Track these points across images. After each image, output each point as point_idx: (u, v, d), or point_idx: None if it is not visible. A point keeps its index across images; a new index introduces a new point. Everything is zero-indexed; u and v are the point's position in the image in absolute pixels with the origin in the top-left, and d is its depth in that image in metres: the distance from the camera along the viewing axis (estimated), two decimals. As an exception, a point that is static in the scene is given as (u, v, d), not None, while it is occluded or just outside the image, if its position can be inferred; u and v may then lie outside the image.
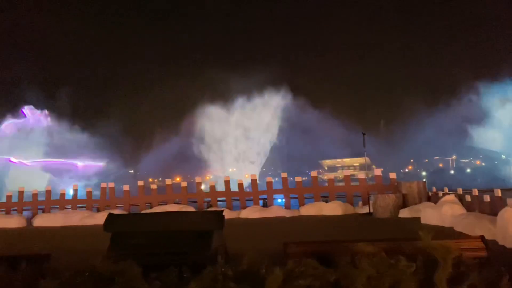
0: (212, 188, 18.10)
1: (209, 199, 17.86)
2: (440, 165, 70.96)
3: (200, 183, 18.65)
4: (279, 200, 18.33)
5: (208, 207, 17.33)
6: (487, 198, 10.20)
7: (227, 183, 17.95)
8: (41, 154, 50.84)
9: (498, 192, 9.76)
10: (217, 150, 56.57)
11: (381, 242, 5.97)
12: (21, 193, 19.83)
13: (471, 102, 53.44)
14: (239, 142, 56.79)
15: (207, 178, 51.18)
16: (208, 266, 4.91)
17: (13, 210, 19.25)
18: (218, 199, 17.78)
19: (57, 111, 52.57)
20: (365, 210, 15.34)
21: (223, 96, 57.27)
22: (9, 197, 19.73)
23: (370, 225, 12.38)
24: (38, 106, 52.90)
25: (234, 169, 56.17)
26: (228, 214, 15.04)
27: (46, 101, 52.64)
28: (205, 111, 56.06)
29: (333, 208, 15.50)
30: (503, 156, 55.61)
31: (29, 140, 50.62)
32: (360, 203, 16.57)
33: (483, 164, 61.62)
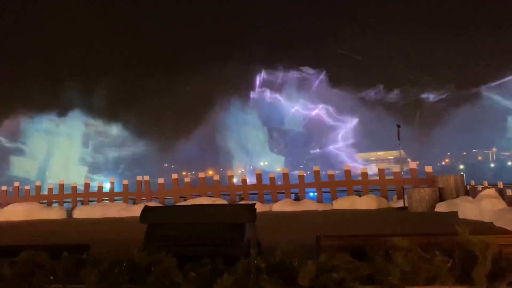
0: (244, 181, 18.22)
1: (241, 192, 17.99)
2: (479, 158, 68.44)
3: (232, 177, 18.81)
4: (311, 194, 18.24)
5: (240, 200, 17.46)
6: (529, 192, 9.79)
7: (258, 176, 18.02)
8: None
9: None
10: (249, 143, 56.80)
11: (417, 236, 5.85)
12: (61, 186, 20.63)
13: None
14: (271, 135, 56.80)
15: (239, 171, 51.54)
16: (241, 258, 4.96)
17: (54, 202, 20.09)
18: (250, 192, 17.88)
19: (93, 107, 54.04)
20: (399, 204, 15.03)
21: (253, 88, 57.39)
22: (50, 190, 20.58)
23: (405, 219, 12.12)
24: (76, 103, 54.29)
25: (266, 163, 56.26)
26: (260, 208, 15.11)
27: (82, 97, 54.14)
28: (237, 104, 56.34)
29: (367, 202, 15.27)
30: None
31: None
32: (395, 197, 16.25)
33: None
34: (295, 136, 58.07)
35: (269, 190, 17.67)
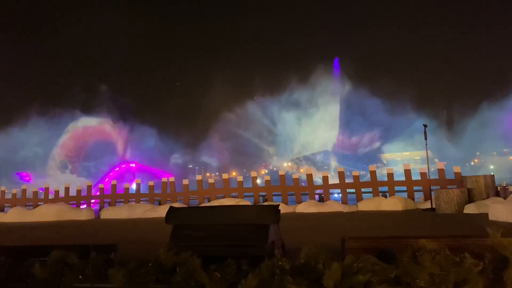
0: (268, 182, 18.21)
1: (265, 193, 17.99)
2: (511, 158, 66.29)
3: (255, 178, 18.81)
4: (336, 195, 18.07)
5: (263, 201, 17.47)
6: None
7: (282, 177, 17.99)
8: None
9: None
10: (273, 145, 56.75)
11: (445, 238, 5.71)
12: (89, 187, 21.14)
13: None
14: (296, 136, 56.60)
15: (262, 172, 51.58)
16: (266, 259, 4.95)
17: (83, 203, 20.59)
18: (274, 193, 17.85)
19: (117, 110, 55.07)
20: (427, 205, 14.72)
21: (277, 90, 57.34)
22: (78, 191, 21.10)
23: (433, 221, 11.85)
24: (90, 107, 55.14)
25: (289, 164, 56.10)
26: (284, 209, 15.09)
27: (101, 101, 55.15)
28: (260, 105, 56.40)
29: (393, 203, 15.01)
30: None
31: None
32: (422, 198, 15.92)
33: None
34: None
35: (293, 191, 17.61)
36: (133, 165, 50.55)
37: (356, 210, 15.38)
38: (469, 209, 12.89)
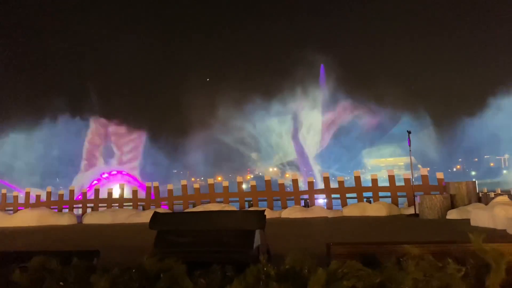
0: (253, 187, 18.19)
1: (250, 198, 17.96)
2: (491, 164, 67.63)
3: (241, 183, 18.77)
4: (320, 201, 18.15)
5: (249, 207, 17.44)
6: (544, 199, 9.62)
7: (268, 183, 17.99)
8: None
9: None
10: (258, 150, 56.84)
11: (429, 244, 5.77)
12: (71, 191, 20.79)
13: None
14: (280, 142, 56.77)
15: (248, 178, 51.56)
16: (251, 265, 4.93)
17: (65, 207, 20.23)
18: (259, 198, 17.84)
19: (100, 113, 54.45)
20: (410, 211, 14.89)
21: (263, 94, 57.52)
22: (60, 196, 20.74)
23: (416, 226, 11.98)
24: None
25: (275, 169, 56.23)
26: (269, 214, 15.07)
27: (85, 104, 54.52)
28: (245, 110, 56.47)
29: (377, 209, 15.14)
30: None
31: None
32: (406, 203, 16.10)
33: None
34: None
35: (278, 196, 17.62)
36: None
37: (341, 216, 15.46)
38: (452, 215, 13.08)
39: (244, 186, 19.85)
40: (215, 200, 18.14)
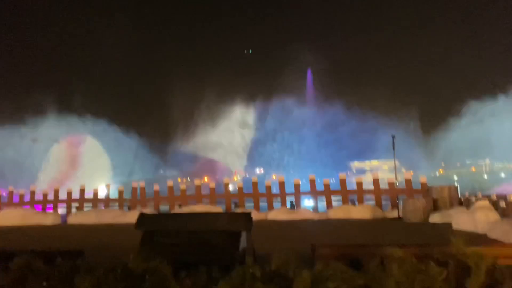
0: (240, 189, 18.21)
1: (237, 200, 17.98)
2: (473, 169, 68.73)
3: (227, 184, 18.76)
4: (306, 202, 18.26)
5: (235, 208, 17.45)
6: (523, 204, 9.86)
7: (255, 184, 18.03)
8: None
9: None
10: (245, 152, 56.84)
11: (411, 246, 5.88)
12: (56, 191, 20.53)
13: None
14: (267, 143, 56.88)
15: (235, 179, 51.52)
16: (237, 266, 4.95)
17: (49, 207, 19.97)
18: (246, 200, 17.87)
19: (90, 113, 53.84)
20: (394, 214, 15.09)
21: (251, 95, 57.62)
22: (45, 195, 20.47)
23: (400, 229, 12.16)
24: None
25: (262, 170, 56.30)
26: (255, 216, 15.08)
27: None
28: (233, 111, 56.49)
29: (362, 212, 15.31)
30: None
31: None
32: (389, 207, 16.30)
33: (520, 168, 59.28)
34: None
35: (265, 197, 17.67)
36: None
37: (326, 218, 15.58)
38: (434, 218, 13.29)
39: (231, 187, 19.84)
40: (201, 201, 18.11)
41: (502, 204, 10.99)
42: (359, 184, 17.18)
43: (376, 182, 16.97)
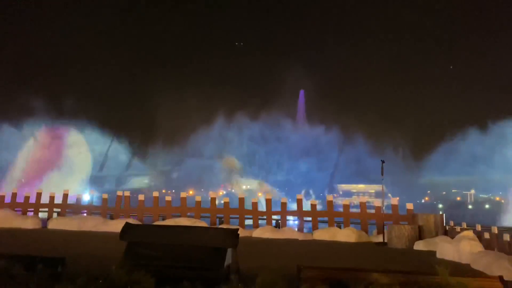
0: (226, 204, 18.08)
1: (222, 215, 17.81)
2: (458, 198, 69.39)
3: (214, 199, 18.60)
4: (291, 222, 18.17)
5: (220, 223, 17.29)
6: (506, 237, 9.95)
7: (241, 200, 17.93)
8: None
9: (519, 232, 9.52)
10: (233, 167, 56.67)
11: (397, 273, 5.89)
12: (38, 194, 20.15)
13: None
14: (255, 161, 56.87)
15: (220, 193, 51.21)
16: (221, 284, 4.89)
17: (30, 211, 19.56)
18: (231, 216, 17.72)
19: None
20: (379, 239, 15.08)
21: (242, 114, 57.81)
22: (26, 198, 20.07)
23: (384, 255, 12.16)
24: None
25: (249, 187, 56.09)
26: (240, 233, 15.00)
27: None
28: (222, 126, 56.54)
29: (347, 235, 15.28)
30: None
31: None
32: (375, 231, 16.30)
33: (503, 201, 60.03)
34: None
35: (250, 215, 17.55)
36: None
37: (311, 239, 15.52)
38: (419, 245, 13.33)
39: (217, 202, 19.69)
40: (186, 215, 17.91)
41: (486, 235, 11.07)
42: (346, 207, 17.19)
43: (363, 205, 17.00)
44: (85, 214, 18.90)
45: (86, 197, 21.65)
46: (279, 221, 17.43)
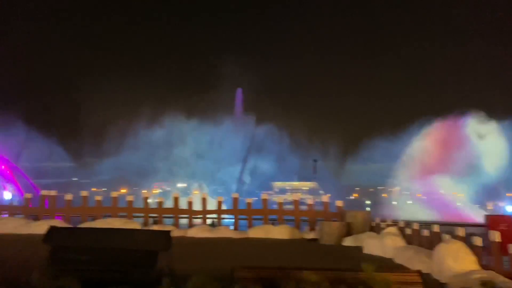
0: (160, 204, 17.69)
1: (156, 215, 17.38)
2: (384, 195, 73.35)
3: (147, 198, 18.07)
4: (226, 220, 18.22)
5: (154, 223, 16.86)
6: (425, 232, 10.71)
7: (175, 200, 17.63)
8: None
9: (436, 228, 10.28)
10: (168, 163, 55.52)
11: (326, 271, 6.13)
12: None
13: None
14: (192, 158, 56.17)
15: (154, 192, 49.96)
16: (152, 287, 4.79)
17: None
18: (165, 215, 17.35)
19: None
20: (311, 235, 15.59)
21: (182, 109, 56.83)
22: None
23: (315, 251, 12.61)
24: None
25: (185, 185, 55.28)
26: (175, 232, 14.75)
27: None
28: (160, 121, 55.25)
29: (281, 232, 15.62)
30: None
31: None
32: (307, 228, 16.82)
33: (424, 196, 64.39)
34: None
35: (186, 214, 17.32)
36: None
37: (246, 237, 15.66)
38: (347, 241, 13.97)
39: (150, 200, 19.21)
40: (117, 215, 17.23)
41: (408, 231, 11.84)
42: (280, 205, 17.57)
43: (296, 203, 17.47)
44: (7, 215, 17.53)
45: (7, 196, 20.09)
46: (215, 220, 17.40)
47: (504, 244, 7.63)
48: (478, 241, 8.14)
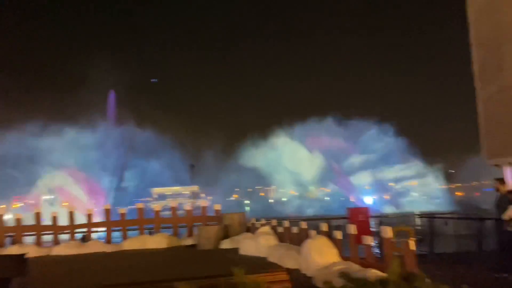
0: (18, 221, 15.75)
1: (13, 233, 15.44)
2: (262, 194, 76.70)
3: (1, 215, 15.95)
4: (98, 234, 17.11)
5: (12, 243, 14.97)
6: (294, 229, 11.42)
7: (37, 215, 15.91)
8: None
9: (304, 224, 11.04)
10: (29, 174, 50.10)
11: (199, 279, 6.13)
12: None
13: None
14: (56, 166, 51.51)
15: (14, 206, 44.76)
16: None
17: None
18: (25, 234, 15.51)
19: None
20: (190, 241, 15.49)
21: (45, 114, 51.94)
22: None
23: (193, 257, 12.59)
24: None
25: (52, 197, 50.55)
26: (36, 252, 13.34)
27: None
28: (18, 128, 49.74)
29: (158, 241, 15.20)
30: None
31: None
32: (186, 234, 16.66)
33: (297, 193, 69.07)
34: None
35: (50, 230, 15.74)
36: None
37: (120, 250, 14.87)
38: (225, 244, 14.19)
39: (6, 217, 17.08)
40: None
41: (280, 229, 12.48)
42: (157, 212, 17.09)
43: (173, 210, 17.20)
44: None
45: None
46: (85, 234, 16.19)
47: (359, 234, 8.48)
48: (338, 234, 8.94)
